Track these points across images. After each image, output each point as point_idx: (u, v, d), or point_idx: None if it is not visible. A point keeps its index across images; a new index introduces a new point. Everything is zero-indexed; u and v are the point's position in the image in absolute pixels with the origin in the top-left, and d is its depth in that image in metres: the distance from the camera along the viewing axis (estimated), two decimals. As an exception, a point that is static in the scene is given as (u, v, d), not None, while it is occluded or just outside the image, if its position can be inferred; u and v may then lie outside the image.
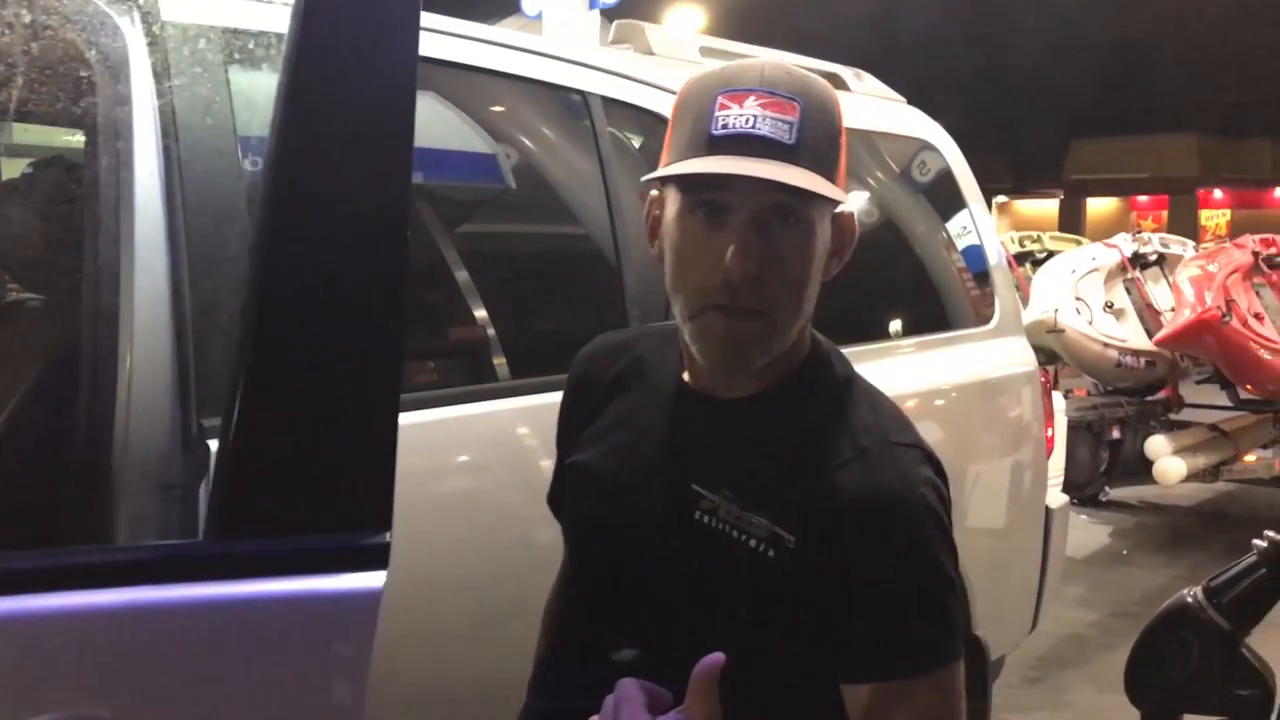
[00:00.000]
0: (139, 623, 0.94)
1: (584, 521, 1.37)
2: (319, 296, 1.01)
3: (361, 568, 0.97)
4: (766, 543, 1.18)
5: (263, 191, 1.03)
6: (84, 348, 1.61)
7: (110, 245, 1.59)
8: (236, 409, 0.97)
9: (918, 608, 1.17)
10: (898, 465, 1.21)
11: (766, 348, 1.21)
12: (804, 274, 1.20)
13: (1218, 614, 1.37)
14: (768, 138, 1.15)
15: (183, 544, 1.08)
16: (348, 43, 1.03)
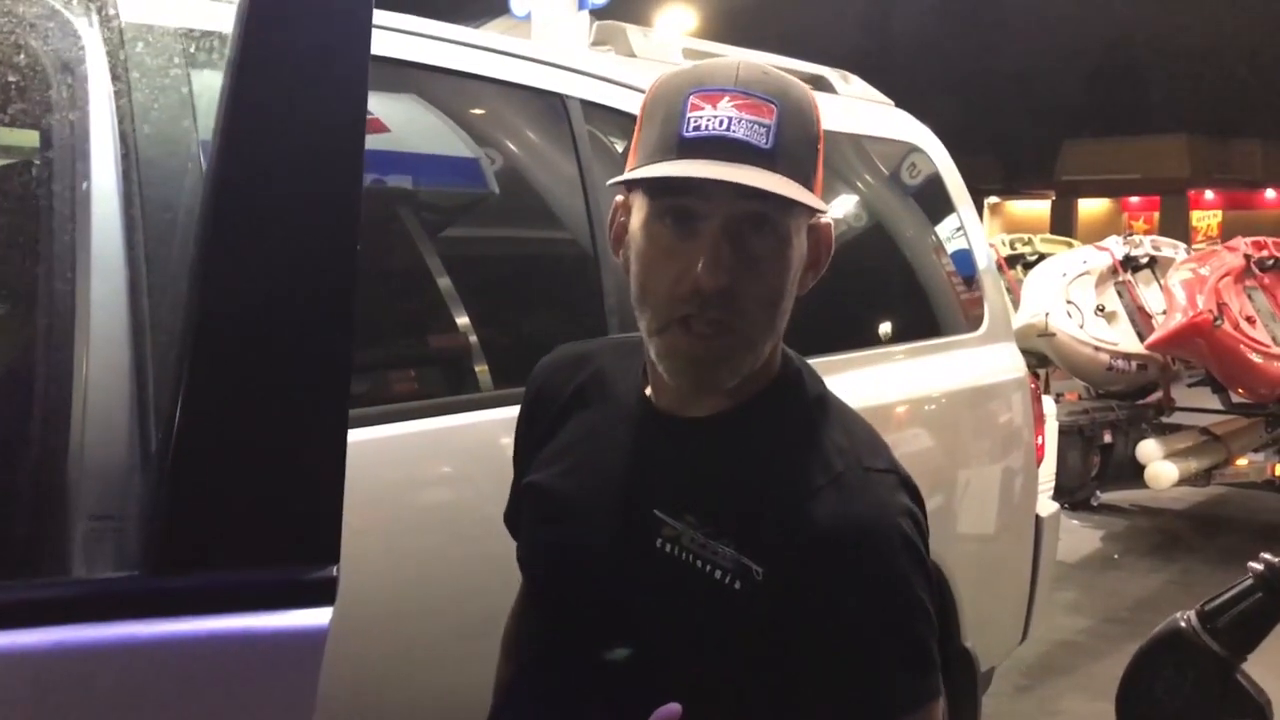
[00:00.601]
0: (66, 665, 0.88)
1: (540, 546, 1.30)
2: (261, 315, 0.95)
3: (306, 604, 0.91)
4: (733, 574, 1.11)
5: (203, 203, 0.97)
6: (37, 360, 1.55)
7: (65, 250, 1.53)
8: (174, 435, 0.91)
9: (895, 646, 1.11)
10: (873, 493, 1.14)
11: (736, 366, 1.14)
12: (779, 287, 1.13)
13: (1212, 639, 1.31)
14: (743, 141, 1.08)
15: (116, 578, 1.02)
16: (295, 47, 0.96)
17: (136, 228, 1.54)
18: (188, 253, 1.61)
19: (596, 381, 1.32)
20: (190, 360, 0.93)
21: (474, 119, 2.39)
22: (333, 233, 0.96)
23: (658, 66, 2.61)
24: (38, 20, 1.57)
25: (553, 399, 1.34)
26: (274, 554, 0.92)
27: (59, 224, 1.54)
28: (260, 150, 0.96)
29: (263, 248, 0.95)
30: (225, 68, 0.99)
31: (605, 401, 1.29)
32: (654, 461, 1.20)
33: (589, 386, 1.32)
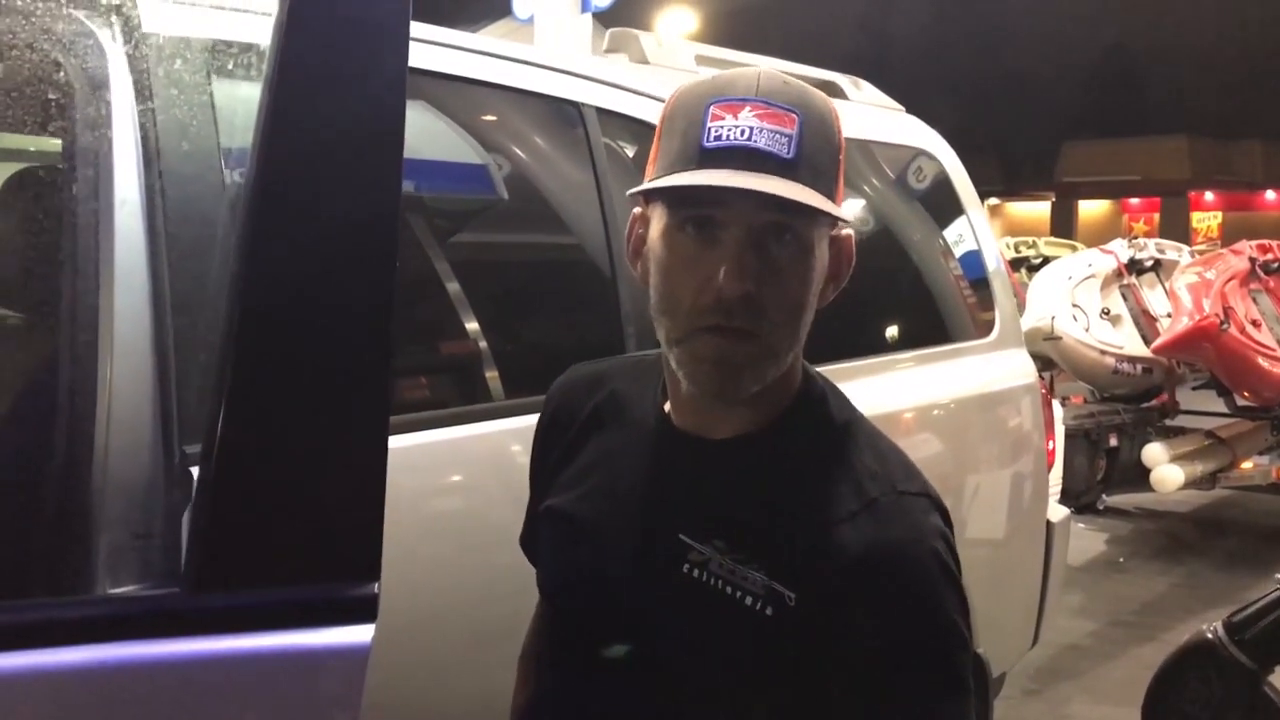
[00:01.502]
0: (109, 682, 0.88)
1: (560, 572, 1.29)
2: (301, 334, 0.95)
3: (348, 621, 0.91)
4: (764, 600, 1.09)
5: (243, 210, 0.97)
6: (62, 367, 1.56)
7: (89, 260, 1.53)
8: (215, 453, 0.91)
9: (931, 672, 1.10)
10: (908, 518, 1.13)
11: (760, 373, 1.12)
12: (802, 297, 1.12)
13: (1240, 651, 1.32)
14: (764, 151, 1.07)
15: (158, 595, 1.02)
16: (333, 57, 0.97)
17: (159, 238, 1.55)
18: (210, 263, 1.64)
19: (613, 402, 1.30)
20: (231, 379, 0.93)
21: (490, 127, 2.40)
22: (371, 248, 0.96)
23: (671, 73, 2.62)
24: (64, 34, 1.58)
25: (569, 422, 1.32)
26: (315, 571, 0.92)
27: (84, 235, 1.54)
28: (298, 165, 0.96)
29: (301, 265, 0.94)
30: (262, 83, 0.99)
31: (623, 423, 1.27)
32: (677, 484, 1.19)
33: (605, 408, 1.30)
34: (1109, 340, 6.98)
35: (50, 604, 1.13)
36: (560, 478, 1.29)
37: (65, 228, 1.59)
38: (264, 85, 0.98)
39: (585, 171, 2.26)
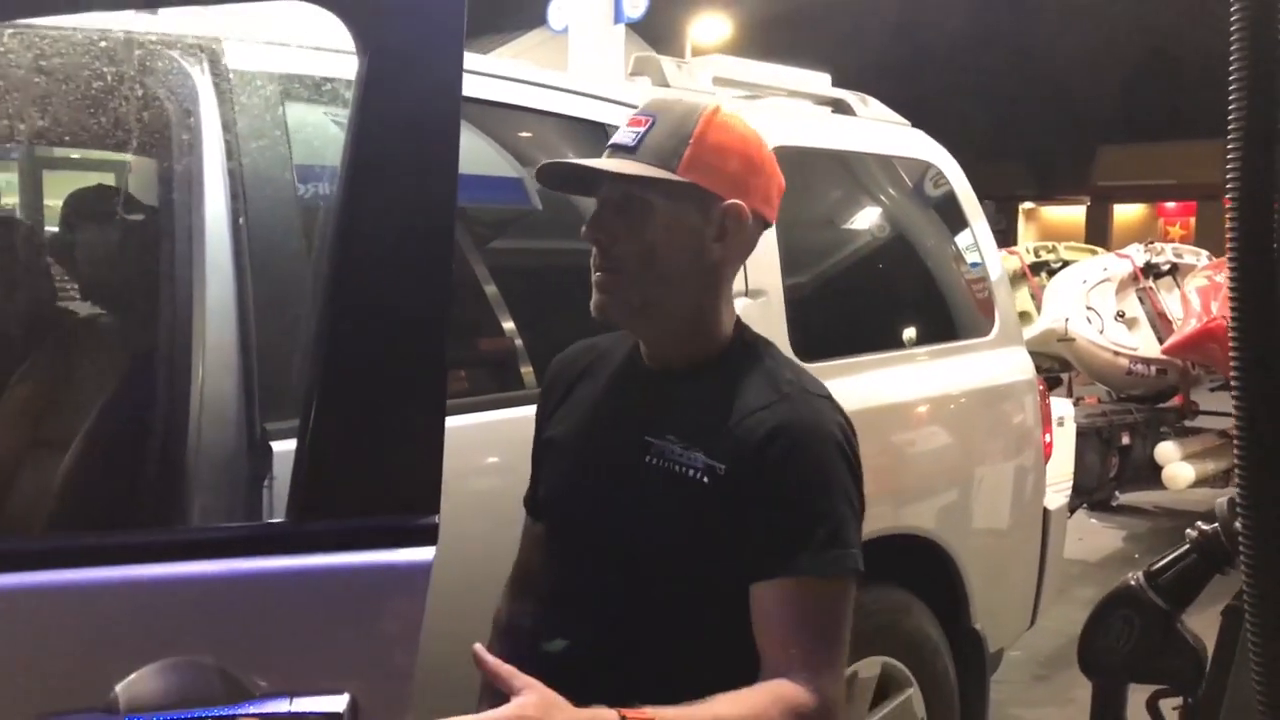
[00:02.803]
0: (236, 587, 1.16)
1: (556, 484, 1.63)
2: (378, 319, 1.22)
3: (415, 544, 1.19)
4: (703, 472, 1.43)
5: (331, 232, 1.24)
6: (160, 358, 1.82)
7: (184, 266, 1.80)
8: (312, 414, 1.19)
9: (820, 520, 1.40)
10: (813, 406, 1.48)
11: (625, 297, 1.48)
12: (650, 242, 1.47)
13: (1156, 595, 1.56)
14: (620, 143, 1.50)
15: (272, 524, 1.31)
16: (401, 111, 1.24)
17: (242, 245, 1.82)
18: (285, 266, 1.90)
19: (600, 359, 1.67)
20: (324, 358, 1.21)
21: (529, 145, 2.66)
22: (432, 253, 1.23)
23: (690, 95, 2.88)
24: (159, 69, 1.85)
25: (566, 378, 1.69)
26: (389, 505, 1.19)
27: (179, 243, 1.81)
28: (376, 191, 1.23)
29: (376, 271, 1.22)
30: (347, 125, 1.26)
31: (605, 370, 1.64)
32: (643, 403, 1.55)
33: (594, 364, 1.67)
34: (1123, 342, 7.15)
35: (198, 527, 1.43)
36: (554, 418, 1.67)
37: (163, 238, 1.87)
38: (349, 127, 1.25)
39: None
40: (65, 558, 1.13)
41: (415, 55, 1.25)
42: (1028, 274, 7.87)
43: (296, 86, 2.03)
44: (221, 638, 1.15)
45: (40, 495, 2.04)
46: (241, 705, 1.12)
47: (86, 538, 1.28)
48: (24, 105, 1.76)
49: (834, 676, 1.39)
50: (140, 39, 1.81)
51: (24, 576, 1.10)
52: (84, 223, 2.31)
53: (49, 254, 2.54)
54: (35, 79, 1.66)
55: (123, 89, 1.81)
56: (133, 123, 1.88)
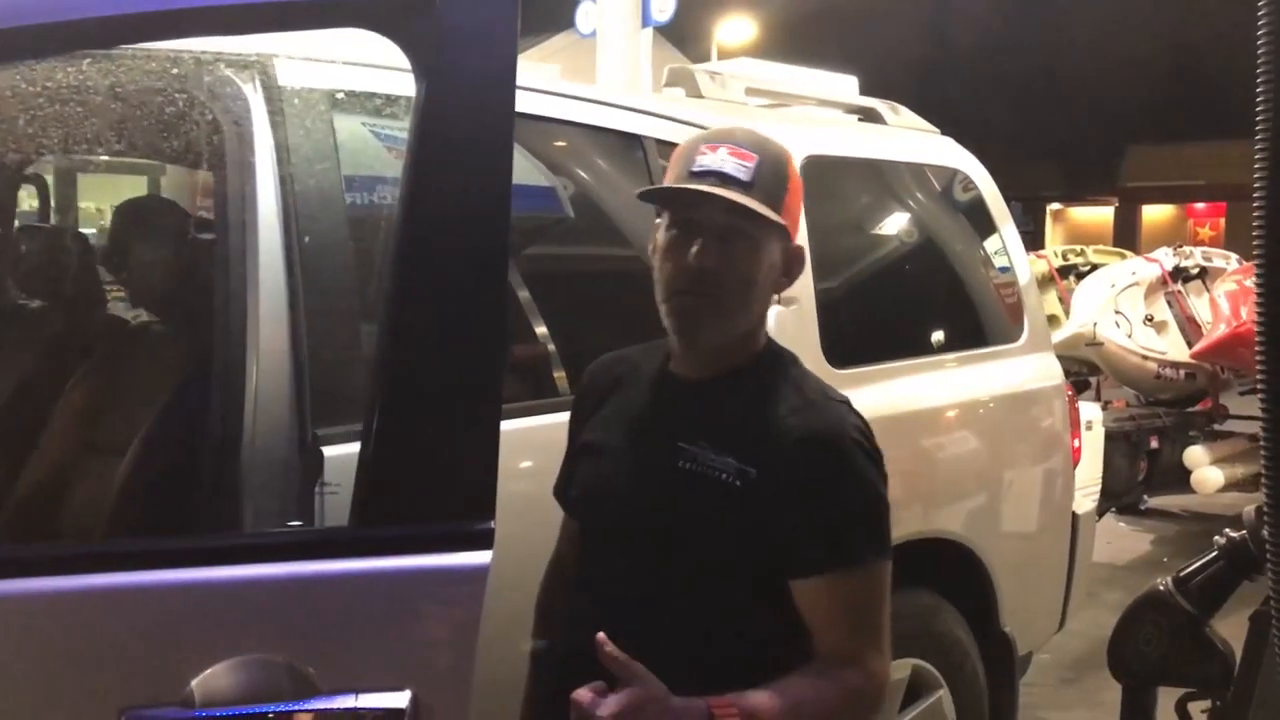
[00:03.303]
0: (303, 589, 1.22)
1: (591, 485, 1.70)
2: (438, 332, 1.28)
3: (472, 548, 1.25)
4: (734, 476, 1.52)
5: (392, 248, 1.30)
6: (215, 365, 1.88)
7: (238, 275, 1.86)
8: (375, 424, 1.25)
9: (850, 515, 1.52)
10: (835, 412, 1.58)
11: (716, 325, 1.56)
12: (749, 277, 1.55)
13: (1185, 600, 1.60)
14: (730, 174, 1.53)
15: (335, 528, 1.37)
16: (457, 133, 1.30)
17: (294, 254, 1.87)
18: (335, 269, 1.96)
19: (630, 370, 1.75)
20: (386, 370, 1.27)
21: (569, 157, 2.71)
22: (489, 267, 1.30)
23: (723, 106, 2.93)
24: (213, 85, 1.91)
25: (599, 386, 1.78)
26: (448, 511, 1.25)
27: (233, 254, 1.87)
28: (434, 208, 1.29)
29: (438, 281, 1.28)
30: (406, 147, 1.32)
31: (637, 379, 1.72)
32: (675, 410, 1.63)
33: (625, 374, 1.75)
34: (1151, 346, 7.14)
35: (263, 532, 1.50)
36: (589, 424, 1.75)
37: (217, 248, 1.93)
38: (408, 149, 1.31)
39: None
40: (144, 560, 1.19)
41: (470, 80, 1.30)
42: (1056, 277, 7.87)
43: (344, 100, 2.09)
44: (290, 637, 1.21)
45: (94, 498, 2.11)
46: (309, 700, 1.18)
47: (164, 541, 1.34)
48: (86, 121, 1.82)
49: (880, 656, 1.53)
50: (195, 56, 1.87)
51: (107, 578, 1.16)
52: (137, 233, 2.37)
53: (99, 262, 2.62)
54: (99, 98, 1.73)
55: (175, 102, 1.88)
56: (186, 135, 1.94)
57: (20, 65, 1.48)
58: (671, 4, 9.87)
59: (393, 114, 2.10)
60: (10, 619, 1.19)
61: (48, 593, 1.18)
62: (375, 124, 2.17)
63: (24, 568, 1.19)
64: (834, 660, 1.50)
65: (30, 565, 1.20)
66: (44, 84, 1.59)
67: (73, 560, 1.22)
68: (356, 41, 1.94)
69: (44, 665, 1.20)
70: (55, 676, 1.20)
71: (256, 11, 1.38)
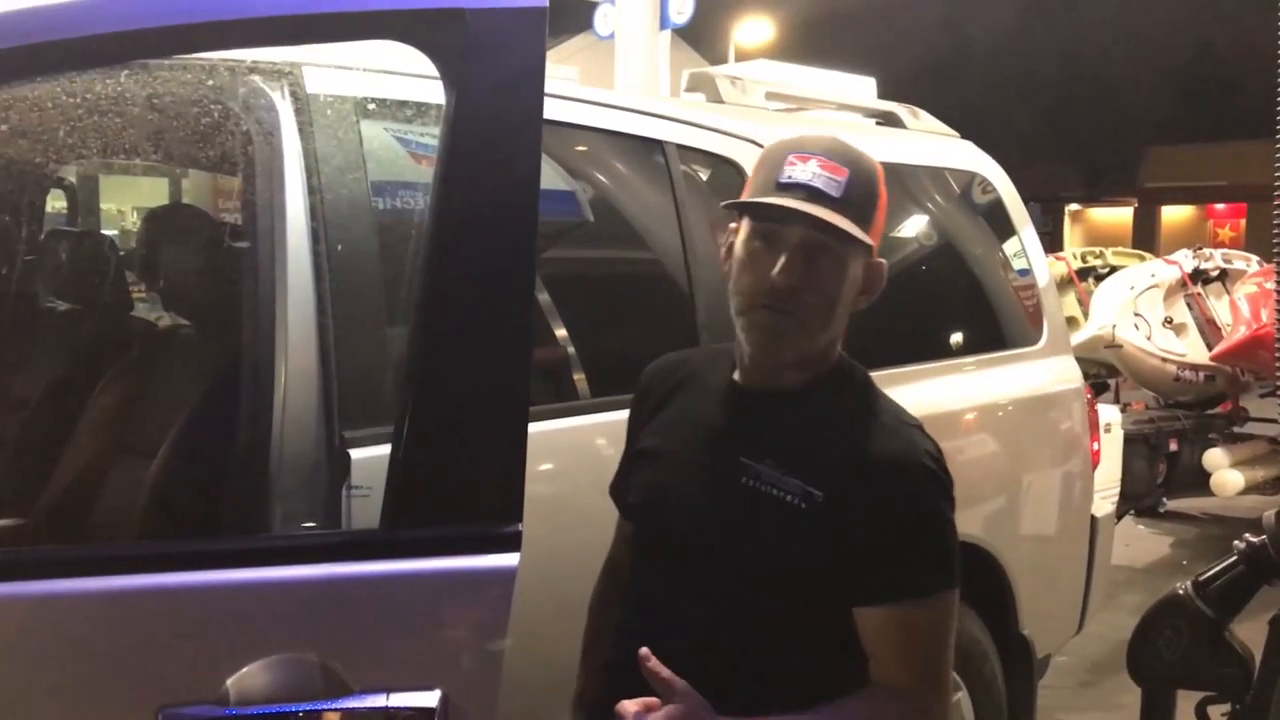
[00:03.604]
0: (335, 590, 1.25)
1: (649, 493, 1.67)
2: (467, 339, 1.30)
3: (500, 550, 1.27)
4: (800, 498, 1.48)
5: (422, 254, 1.33)
6: (244, 369, 1.91)
7: (267, 280, 1.88)
8: (405, 429, 1.28)
9: (921, 546, 1.48)
10: (907, 436, 1.53)
11: (796, 343, 1.51)
12: (833, 296, 1.51)
13: (1205, 604, 1.62)
14: (821, 189, 1.48)
15: (366, 530, 1.40)
16: (486, 142, 1.32)
17: (322, 259, 1.90)
18: (362, 273, 1.98)
19: (693, 375, 1.71)
20: (416, 378, 1.29)
21: (591, 162, 2.73)
22: (517, 273, 1.32)
23: (744, 111, 2.95)
24: (244, 94, 1.94)
25: (658, 389, 1.74)
26: (476, 514, 1.28)
27: (262, 259, 1.89)
28: (463, 215, 1.31)
29: (467, 287, 1.30)
30: (436, 155, 1.35)
31: (700, 387, 1.68)
32: (740, 424, 1.58)
33: (687, 379, 1.71)
34: (1171, 348, 7.12)
35: (294, 534, 1.53)
36: (648, 428, 1.71)
37: (246, 254, 1.95)
38: (438, 157, 1.34)
39: (666, 199, 2.59)
40: (182, 562, 1.22)
41: (500, 91, 1.33)
42: (1075, 280, 7.85)
43: (371, 107, 2.12)
44: (323, 637, 1.24)
45: (126, 499, 2.14)
46: (342, 699, 1.20)
47: (201, 543, 1.37)
48: (122, 130, 1.85)
49: (940, 698, 1.49)
50: (226, 64, 1.90)
51: (147, 579, 1.19)
52: (168, 238, 2.41)
53: (129, 267, 2.65)
54: (134, 109, 1.76)
55: (206, 110, 1.90)
56: (216, 142, 1.97)
57: (61, 77, 1.51)
58: (690, 6, 9.88)
59: (420, 121, 2.13)
60: (53, 619, 1.22)
61: (89, 594, 1.21)
62: (402, 131, 2.19)
63: (66, 568, 1.22)
64: (890, 693, 1.47)
65: (72, 566, 1.23)
66: (84, 95, 1.62)
67: (113, 562, 1.25)
68: (385, 50, 1.98)
69: (85, 665, 1.23)
70: (95, 676, 1.23)
71: (289, 24, 1.41)
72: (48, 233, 2.99)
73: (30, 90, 1.55)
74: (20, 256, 2.54)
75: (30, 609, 1.21)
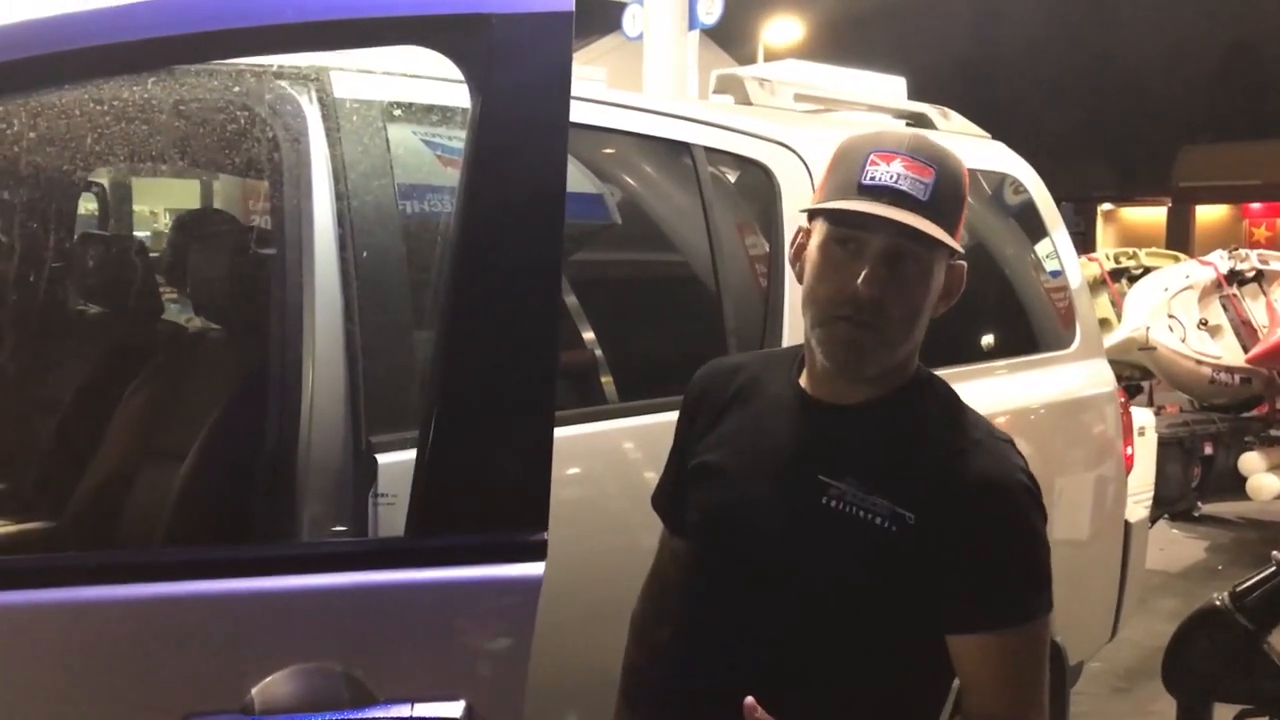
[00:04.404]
0: (360, 598, 1.25)
1: (715, 511, 1.56)
2: (493, 347, 1.30)
3: (526, 559, 1.26)
4: (889, 519, 1.40)
5: (449, 262, 1.32)
6: (272, 373, 1.92)
7: (295, 285, 1.88)
8: (430, 436, 1.27)
9: (1022, 570, 1.40)
10: (1002, 454, 1.45)
11: (877, 358, 1.43)
12: (917, 306, 1.43)
13: (1242, 615, 1.59)
14: (906, 192, 1.38)
15: (392, 538, 1.40)
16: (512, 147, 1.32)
17: (350, 264, 1.90)
18: (390, 278, 1.98)
19: (752, 383, 1.61)
20: (440, 385, 1.29)
21: (620, 165, 2.72)
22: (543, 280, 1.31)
23: (772, 113, 2.93)
24: (271, 99, 1.94)
25: (714, 398, 1.63)
26: (502, 522, 1.27)
27: (290, 264, 1.90)
28: (489, 222, 1.31)
29: (492, 295, 1.30)
30: (462, 161, 1.34)
31: (762, 397, 1.58)
32: (815, 439, 1.49)
33: (746, 387, 1.60)
34: (1206, 350, 7.04)
35: (318, 542, 1.53)
36: (706, 440, 1.60)
37: (274, 260, 1.96)
38: (464, 163, 1.34)
39: (694, 202, 2.57)
40: (207, 570, 1.22)
41: (526, 96, 1.32)
42: (1108, 281, 7.78)
43: (398, 111, 2.11)
44: (347, 646, 1.24)
45: (155, 501, 2.15)
46: (367, 709, 1.20)
47: (226, 551, 1.37)
48: (149, 136, 1.86)
49: (1039, 715, 1.43)
50: (253, 69, 1.90)
51: (172, 587, 1.19)
52: (197, 244, 2.42)
53: (159, 271, 2.67)
54: (160, 116, 1.76)
55: (234, 116, 1.91)
56: (244, 147, 1.98)
57: (89, 84, 1.52)
58: (718, 6, 9.88)
59: (449, 124, 2.12)
60: (77, 626, 1.22)
61: (114, 601, 1.21)
62: (430, 134, 2.19)
63: (90, 576, 1.23)
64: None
65: (96, 574, 1.24)
66: (111, 101, 1.62)
67: (138, 569, 1.26)
68: (414, 54, 1.98)
69: (110, 673, 1.23)
70: (120, 684, 1.23)
71: (315, 30, 1.40)
72: (79, 236, 3.01)
73: (60, 98, 1.56)
74: (51, 261, 2.56)
75: (55, 616, 1.21)
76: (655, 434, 1.73)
